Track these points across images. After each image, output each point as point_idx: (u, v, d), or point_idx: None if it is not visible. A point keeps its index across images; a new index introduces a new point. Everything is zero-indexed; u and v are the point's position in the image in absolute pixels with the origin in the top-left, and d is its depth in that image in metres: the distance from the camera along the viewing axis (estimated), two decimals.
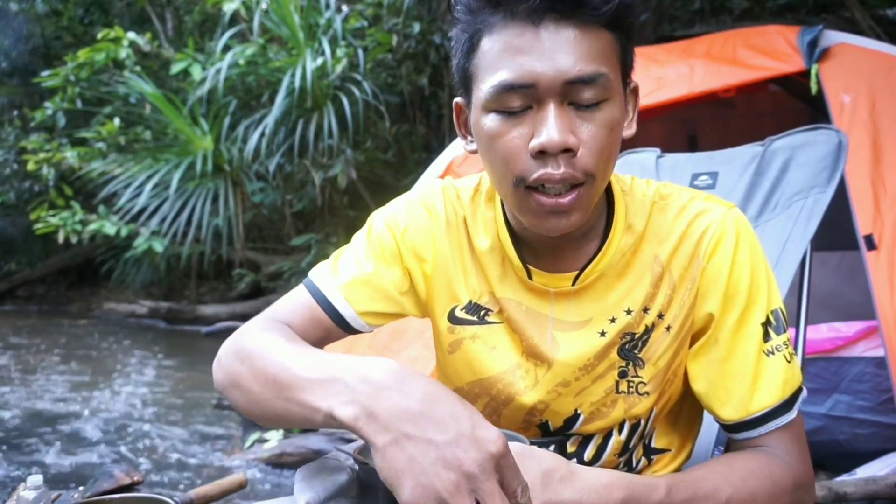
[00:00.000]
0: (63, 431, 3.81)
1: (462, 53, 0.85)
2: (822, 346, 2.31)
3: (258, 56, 5.71)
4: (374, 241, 0.99)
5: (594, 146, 0.80)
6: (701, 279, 0.91)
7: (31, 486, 1.14)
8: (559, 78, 0.77)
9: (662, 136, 3.90)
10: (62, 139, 7.08)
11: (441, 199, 1.00)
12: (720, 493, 0.80)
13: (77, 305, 8.60)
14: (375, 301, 0.98)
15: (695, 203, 0.94)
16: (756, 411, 0.88)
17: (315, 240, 5.97)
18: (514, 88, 0.79)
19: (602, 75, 0.79)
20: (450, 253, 0.98)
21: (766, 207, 1.41)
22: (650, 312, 0.92)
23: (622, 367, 0.93)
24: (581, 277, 0.92)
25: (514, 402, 0.97)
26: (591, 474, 0.75)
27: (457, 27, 0.86)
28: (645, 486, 0.77)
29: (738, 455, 0.88)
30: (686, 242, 0.92)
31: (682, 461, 1.03)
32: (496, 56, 0.80)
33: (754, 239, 0.93)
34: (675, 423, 1.01)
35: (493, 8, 0.80)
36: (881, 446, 2.26)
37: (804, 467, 0.88)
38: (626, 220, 0.93)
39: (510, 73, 0.78)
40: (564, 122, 0.78)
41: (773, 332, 0.90)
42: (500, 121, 0.81)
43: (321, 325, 0.97)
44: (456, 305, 0.97)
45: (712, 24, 4.94)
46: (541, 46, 0.78)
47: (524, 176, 0.81)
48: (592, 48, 0.78)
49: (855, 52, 2.60)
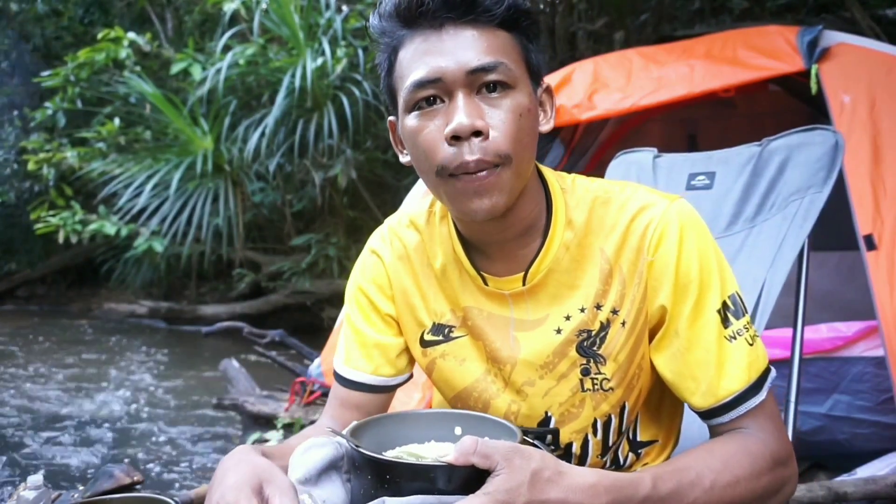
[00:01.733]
0: (63, 431, 3.81)
1: (385, 72, 0.95)
2: (822, 346, 2.31)
3: (258, 56, 5.71)
4: (353, 305, 1.09)
5: (504, 129, 0.87)
6: (648, 273, 0.93)
7: (31, 486, 1.14)
8: (462, 69, 0.86)
9: (662, 136, 3.90)
10: (62, 139, 7.08)
11: (387, 238, 1.08)
12: (704, 479, 0.83)
13: (77, 305, 8.61)
14: (373, 357, 1.06)
15: (637, 197, 0.96)
16: (724, 397, 0.90)
17: (315, 240, 5.97)
18: (424, 84, 0.87)
19: (502, 63, 0.87)
20: (407, 284, 1.05)
21: (762, 207, 1.42)
22: (603, 309, 0.95)
23: (584, 365, 0.96)
24: (529, 276, 0.96)
25: (490, 408, 1.01)
26: (577, 474, 0.76)
27: (378, 52, 0.95)
28: (631, 483, 0.78)
29: (717, 440, 0.91)
30: (631, 237, 0.94)
31: (671, 450, 1.05)
32: (409, 62, 0.89)
33: (701, 228, 0.94)
34: (659, 414, 1.03)
35: (399, 24, 0.90)
36: (881, 446, 2.26)
37: (781, 443, 0.90)
38: (566, 216, 0.96)
39: (420, 71, 0.87)
40: (472, 109, 0.86)
41: (731, 316, 0.92)
42: (418, 118, 0.89)
43: (351, 401, 1.07)
44: (423, 330, 1.04)
45: (712, 24, 4.94)
46: (443, 46, 0.87)
47: (444, 164, 0.88)
48: (490, 44, 0.87)
49: (855, 53, 2.60)
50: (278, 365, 3.89)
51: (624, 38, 4.74)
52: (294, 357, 4.21)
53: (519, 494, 0.70)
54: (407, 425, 0.89)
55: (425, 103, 0.88)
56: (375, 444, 0.81)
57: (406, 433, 0.88)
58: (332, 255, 5.88)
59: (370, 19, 0.94)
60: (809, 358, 2.29)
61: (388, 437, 0.86)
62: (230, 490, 0.75)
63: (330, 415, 1.08)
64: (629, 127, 3.71)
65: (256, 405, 3.39)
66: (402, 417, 0.90)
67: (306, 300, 6.23)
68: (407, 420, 0.89)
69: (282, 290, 6.46)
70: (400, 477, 0.73)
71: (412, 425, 0.89)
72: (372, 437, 0.84)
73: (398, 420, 0.89)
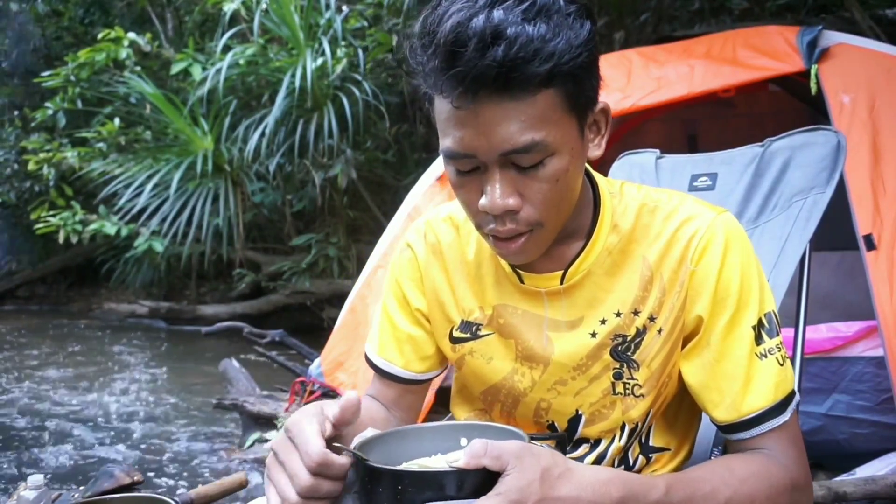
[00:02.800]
0: (63, 431, 3.81)
1: (427, 99, 0.89)
2: (822, 346, 2.31)
3: (258, 56, 5.71)
4: (391, 295, 1.10)
5: (538, 200, 0.85)
6: (689, 282, 0.92)
7: (31, 486, 1.14)
8: (495, 151, 0.81)
9: (662, 136, 3.91)
10: (62, 139, 7.08)
11: (421, 231, 1.08)
12: (719, 495, 0.81)
13: (77, 305, 8.61)
14: (405, 352, 1.08)
15: (684, 207, 0.95)
16: (747, 413, 0.89)
17: (315, 240, 5.97)
18: (457, 157, 0.84)
19: (537, 143, 0.81)
20: (438, 280, 1.05)
21: (765, 208, 1.41)
22: (641, 315, 0.94)
23: (616, 369, 0.95)
24: (568, 275, 0.95)
25: (520, 403, 1.02)
26: (589, 471, 0.75)
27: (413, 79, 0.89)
28: (643, 484, 0.77)
29: (736, 457, 0.89)
30: (675, 246, 0.93)
31: (681, 461, 1.04)
32: (443, 122, 0.84)
33: (746, 243, 0.94)
34: (674, 422, 1.02)
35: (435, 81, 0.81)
36: (881, 446, 2.26)
37: (801, 469, 0.89)
38: (612, 220, 0.96)
39: (453, 143, 0.83)
40: (505, 187, 0.83)
41: (765, 335, 0.91)
42: (455, 175, 0.88)
43: (392, 388, 1.10)
44: (452, 327, 1.04)
45: (712, 24, 4.94)
46: (476, 121, 0.80)
47: (478, 223, 0.89)
48: (529, 116, 0.80)
49: (854, 53, 2.60)
50: (278, 365, 3.89)
51: (624, 38, 4.74)
52: (294, 357, 4.21)
53: (531, 492, 0.69)
54: (411, 440, 0.87)
55: (461, 166, 0.86)
56: (383, 460, 0.80)
57: (411, 448, 0.86)
58: (332, 255, 5.88)
59: (406, 47, 0.86)
60: (809, 358, 2.29)
61: (394, 454, 0.85)
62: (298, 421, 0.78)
63: (375, 389, 1.12)
64: (629, 127, 3.72)
65: (256, 405, 3.39)
66: (405, 433, 0.89)
67: (306, 300, 6.23)
68: (410, 435, 0.88)
69: (282, 290, 6.46)
70: (413, 486, 0.71)
71: (417, 440, 0.87)
72: (378, 454, 0.82)
73: (402, 436, 0.88)
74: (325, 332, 4.13)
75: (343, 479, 0.78)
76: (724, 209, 0.96)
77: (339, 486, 0.77)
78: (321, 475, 0.75)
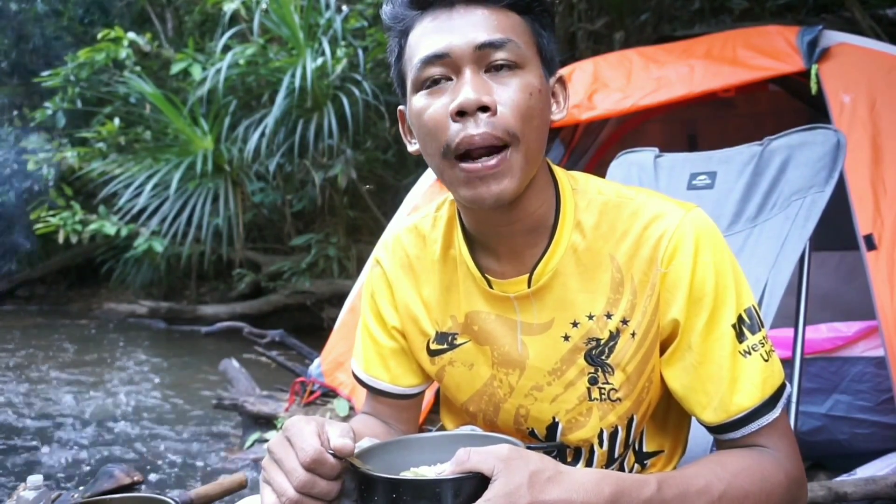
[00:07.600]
0: (63, 431, 3.81)
1: (395, 58, 0.94)
2: (822, 346, 2.30)
3: (258, 56, 5.71)
4: (369, 312, 1.10)
5: (512, 106, 0.85)
6: (661, 285, 0.90)
7: (31, 486, 1.14)
8: (470, 44, 0.85)
9: (662, 136, 3.90)
10: (62, 139, 7.09)
11: (389, 247, 1.08)
12: (713, 490, 0.80)
13: (77, 305, 8.61)
14: (390, 368, 1.08)
15: (651, 204, 0.93)
16: (736, 413, 0.88)
17: (315, 240, 5.97)
18: (432, 59, 0.87)
19: (511, 41, 0.86)
20: (409, 295, 1.04)
21: (764, 207, 1.41)
22: (613, 318, 0.92)
23: (591, 374, 0.94)
24: (534, 277, 0.94)
25: (500, 410, 1.00)
26: (579, 473, 0.75)
27: (390, 39, 0.95)
28: (635, 482, 0.77)
29: (729, 453, 0.88)
30: (644, 247, 0.91)
31: (677, 461, 1.03)
32: (417, 41, 0.89)
33: (717, 239, 0.91)
34: (665, 425, 1.01)
35: (411, 7, 0.90)
36: (881, 446, 2.26)
37: (794, 463, 0.88)
38: (574, 218, 0.94)
39: (429, 48, 0.87)
40: (480, 84, 0.85)
41: (747, 331, 0.89)
42: (425, 97, 0.88)
43: (385, 403, 1.10)
44: (428, 340, 1.04)
45: (712, 24, 4.93)
46: (452, 24, 0.87)
47: (448, 142, 0.86)
48: (500, 23, 0.87)
49: (855, 52, 2.59)
50: (278, 365, 3.88)
51: (624, 38, 4.74)
52: (294, 357, 4.21)
53: (520, 496, 0.69)
54: (413, 450, 0.87)
55: (432, 82, 0.87)
56: (384, 469, 0.80)
57: (413, 458, 0.86)
58: (332, 255, 5.88)
59: (383, 7, 0.94)
60: (809, 358, 2.29)
61: (395, 463, 0.85)
62: (295, 422, 0.79)
63: (370, 406, 1.12)
64: (629, 127, 3.71)
65: (256, 405, 3.39)
66: (407, 442, 0.89)
67: (306, 300, 6.23)
68: (412, 445, 0.88)
69: (282, 290, 6.46)
70: (409, 494, 0.72)
71: (419, 450, 0.87)
72: (379, 463, 0.82)
73: (404, 445, 0.88)
74: (325, 332, 4.13)
75: (337, 479, 0.78)
76: (694, 205, 0.94)
77: (334, 488, 0.77)
78: (316, 472, 0.75)
